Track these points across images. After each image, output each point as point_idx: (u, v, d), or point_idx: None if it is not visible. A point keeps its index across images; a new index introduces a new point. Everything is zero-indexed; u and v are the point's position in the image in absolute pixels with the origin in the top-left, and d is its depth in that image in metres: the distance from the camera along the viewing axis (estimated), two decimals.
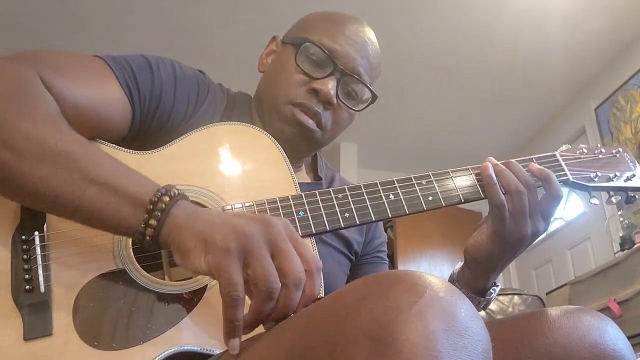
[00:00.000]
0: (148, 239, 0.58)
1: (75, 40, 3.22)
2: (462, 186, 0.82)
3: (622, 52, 3.51)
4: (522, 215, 0.78)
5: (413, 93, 3.90)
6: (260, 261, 0.54)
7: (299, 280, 0.55)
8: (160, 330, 0.63)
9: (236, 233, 0.55)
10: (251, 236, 0.55)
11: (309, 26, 0.93)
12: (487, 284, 0.84)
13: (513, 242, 0.79)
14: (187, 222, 0.57)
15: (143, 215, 0.58)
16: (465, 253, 0.83)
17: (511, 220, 0.78)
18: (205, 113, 0.86)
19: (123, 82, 0.77)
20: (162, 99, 0.81)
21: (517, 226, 0.78)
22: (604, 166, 0.90)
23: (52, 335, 0.61)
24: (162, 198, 0.58)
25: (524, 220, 0.78)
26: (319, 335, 0.45)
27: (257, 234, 0.55)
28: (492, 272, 0.83)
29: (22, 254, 0.64)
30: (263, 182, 0.77)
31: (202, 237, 0.56)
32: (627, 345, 0.67)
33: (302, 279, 0.56)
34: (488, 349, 0.44)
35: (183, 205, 0.59)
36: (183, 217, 0.58)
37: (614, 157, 0.92)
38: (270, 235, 0.56)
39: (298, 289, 0.55)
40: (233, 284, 0.53)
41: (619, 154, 0.92)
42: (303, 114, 0.87)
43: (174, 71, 0.85)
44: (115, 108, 0.76)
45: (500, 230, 0.78)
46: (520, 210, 0.77)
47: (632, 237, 2.91)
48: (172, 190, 0.60)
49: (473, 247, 0.82)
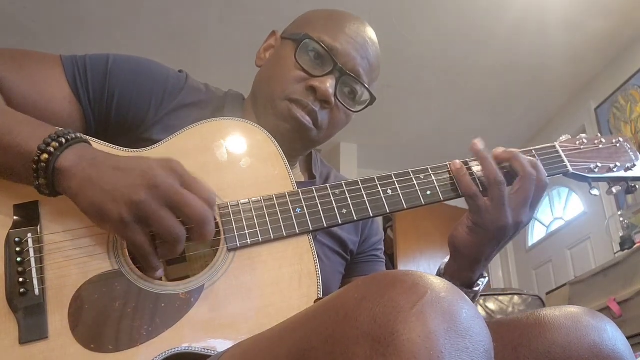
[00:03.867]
0: (47, 193, 0.64)
1: (75, 40, 3.21)
2: None
3: (622, 52, 3.50)
4: (500, 205, 0.76)
5: (413, 93, 3.90)
6: (158, 221, 0.60)
7: (202, 220, 0.62)
8: (157, 332, 0.63)
9: (127, 204, 0.60)
10: (141, 203, 0.60)
11: (310, 23, 0.92)
12: (472, 276, 0.83)
13: (494, 232, 0.77)
14: (80, 187, 0.62)
15: (32, 172, 0.63)
16: (449, 244, 0.82)
17: (491, 210, 0.77)
18: (179, 111, 0.84)
19: (72, 81, 0.79)
20: (117, 97, 0.80)
21: (497, 216, 0.76)
22: (604, 156, 0.89)
23: (48, 339, 0.60)
24: (42, 157, 0.62)
25: (503, 210, 0.76)
26: (319, 336, 0.45)
27: (146, 199, 0.60)
28: (477, 263, 0.81)
29: (15, 257, 0.63)
30: (259, 179, 0.76)
31: (95, 209, 0.61)
32: (626, 346, 0.67)
33: (205, 217, 0.62)
34: (490, 350, 0.44)
35: (68, 161, 0.62)
36: (73, 177, 0.62)
37: (615, 147, 0.91)
38: (160, 195, 0.61)
39: (206, 224, 0.62)
40: (139, 246, 0.62)
41: (620, 144, 0.92)
42: (299, 110, 0.85)
43: (135, 69, 0.83)
44: (61, 105, 0.78)
45: (478, 220, 0.78)
46: (499, 200, 0.76)
47: (632, 237, 2.91)
48: (52, 145, 0.62)
49: (454, 238, 0.81)
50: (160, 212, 0.60)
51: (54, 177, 0.62)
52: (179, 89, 0.86)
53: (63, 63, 0.80)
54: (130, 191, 0.60)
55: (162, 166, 0.63)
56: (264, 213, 0.73)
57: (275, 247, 0.72)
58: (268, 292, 0.68)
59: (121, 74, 0.82)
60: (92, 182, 0.61)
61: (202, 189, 0.64)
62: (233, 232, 0.71)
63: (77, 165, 0.62)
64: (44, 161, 0.62)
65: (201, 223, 0.62)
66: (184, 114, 0.84)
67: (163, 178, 0.61)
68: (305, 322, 0.50)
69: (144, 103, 0.82)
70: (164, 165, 0.63)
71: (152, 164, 0.63)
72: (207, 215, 0.62)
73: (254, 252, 0.71)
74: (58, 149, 0.62)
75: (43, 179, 0.62)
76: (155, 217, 0.60)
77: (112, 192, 0.60)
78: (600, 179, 0.88)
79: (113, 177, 0.61)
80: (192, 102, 0.86)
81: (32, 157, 0.62)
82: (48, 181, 0.62)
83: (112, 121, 0.81)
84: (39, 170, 0.62)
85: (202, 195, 0.63)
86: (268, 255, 0.71)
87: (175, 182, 0.62)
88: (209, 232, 0.63)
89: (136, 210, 0.60)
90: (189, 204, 0.61)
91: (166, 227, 0.61)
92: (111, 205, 0.60)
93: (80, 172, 0.62)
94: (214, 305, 0.66)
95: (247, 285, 0.68)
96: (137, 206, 0.60)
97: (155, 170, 0.62)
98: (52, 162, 0.62)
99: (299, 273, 0.70)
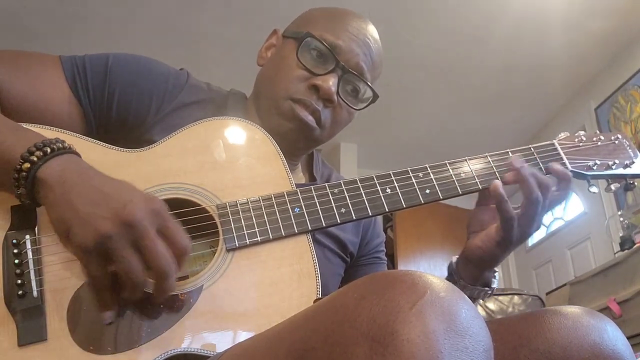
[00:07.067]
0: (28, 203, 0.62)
1: (75, 40, 3.21)
2: (460, 178, 0.81)
3: (622, 52, 3.50)
4: (532, 220, 0.79)
5: (413, 93, 3.90)
6: (120, 261, 0.57)
7: (164, 274, 0.58)
8: (156, 333, 0.63)
9: (94, 234, 0.57)
10: (109, 239, 0.56)
11: (312, 21, 0.91)
12: (489, 275, 0.86)
13: (517, 242, 0.81)
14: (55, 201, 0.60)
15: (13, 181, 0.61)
16: (470, 252, 0.83)
17: (522, 224, 0.79)
18: (180, 110, 0.84)
19: (71, 81, 0.79)
20: (117, 97, 0.80)
21: (526, 229, 0.80)
22: (603, 153, 0.89)
23: (47, 341, 0.60)
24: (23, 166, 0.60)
25: (533, 223, 0.80)
26: (318, 336, 0.45)
27: (116, 236, 0.57)
28: (496, 264, 0.85)
29: (13, 258, 0.63)
30: (257, 178, 0.76)
31: (62, 227, 0.59)
32: (626, 346, 0.67)
33: (167, 271, 0.59)
34: (489, 349, 0.44)
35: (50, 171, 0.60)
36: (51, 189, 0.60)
37: (613, 144, 0.91)
38: (132, 236, 0.57)
39: (166, 279, 0.59)
40: (93, 277, 0.59)
41: (618, 140, 0.92)
42: (303, 110, 0.85)
43: (135, 69, 0.83)
44: (61, 106, 0.78)
45: (509, 236, 0.80)
46: (533, 216, 0.79)
47: (632, 237, 2.91)
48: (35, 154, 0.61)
49: (479, 249, 0.82)
50: (124, 251, 0.57)
51: (34, 187, 0.61)
52: (180, 87, 0.86)
53: (62, 64, 0.80)
54: (101, 221, 0.57)
55: (144, 203, 0.59)
56: (263, 213, 0.73)
57: (274, 247, 0.71)
58: (267, 292, 0.68)
59: (121, 74, 0.81)
60: (68, 199, 0.59)
61: (179, 238, 0.61)
62: (232, 233, 0.71)
63: (58, 178, 0.60)
64: (25, 170, 0.60)
65: (161, 277, 0.59)
66: (185, 113, 0.84)
67: (140, 217, 0.57)
68: (305, 322, 0.49)
69: (144, 103, 0.82)
70: (146, 202, 0.59)
71: (134, 198, 0.59)
72: (169, 271, 0.59)
73: (253, 252, 0.70)
74: (41, 158, 0.60)
75: (23, 187, 0.60)
76: (119, 255, 0.57)
77: (83, 217, 0.57)
78: (599, 177, 0.88)
79: (91, 199, 0.59)
80: (193, 101, 0.86)
81: (14, 166, 0.60)
82: (28, 190, 0.61)
83: (113, 121, 0.81)
84: (20, 180, 0.60)
85: (177, 245, 0.60)
86: (267, 256, 0.71)
87: (151, 226, 0.58)
88: (167, 287, 0.60)
89: (101, 243, 0.57)
90: (155, 254, 0.58)
91: (127, 269, 0.57)
92: (78, 229, 0.57)
93: (60, 185, 0.60)
94: (213, 305, 0.66)
95: (246, 286, 0.68)
96: (103, 239, 0.57)
97: (135, 205, 0.58)
98: (33, 172, 0.60)
99: (298, 273, 0.70)
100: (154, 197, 0.62)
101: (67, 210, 0.58)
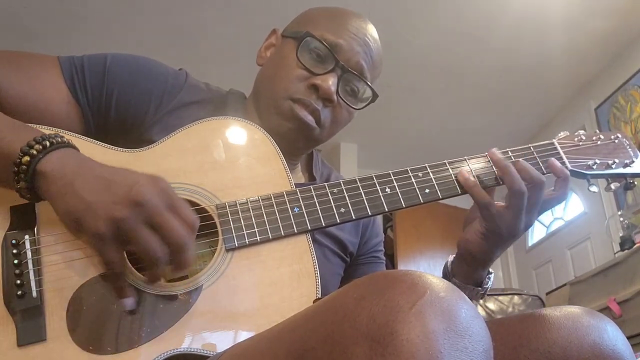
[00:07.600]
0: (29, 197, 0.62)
1: (75, 40, 3.21)
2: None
3: (622, 52, 3.50)
4: (519, 213, 0.78)
5: (413, 93, 3.90)
6: (138, 241, 0.58)
7: (181, 247, 0.59)
8: (156, 333, 0.63)
9: (107, 220, 0.57)
10: (123, 220, 0.57)
11: (311, 20, 0.91)
12: (483, 274, 0.85)
13: (507, 236, 0.80)
14: (60, 193, 0.59)
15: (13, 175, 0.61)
16: (460, 248, 0.83)
17: (506, 217, 0.78)
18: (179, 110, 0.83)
19: (70, 81, 0.79)
20: (115, 98, 0.80)
21: (513, 222, 0.78)
22: (602, 152, 0.89)
23: (46, 341, 0.60)
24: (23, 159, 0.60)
25: (520, 217, 0.78)
26: (318, 336, 0.45)
27: (128, 217, 0.57)
28: (487, 263, 0.84)
29: (12, 259, 0.63)
30: (257, 178, 0.76)
31: (72, 218, 0.58)
32: (626, 345, 0.67)
33: (183, 243, 0.59)
34: (489, 350, 0.44)
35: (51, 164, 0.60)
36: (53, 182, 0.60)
37: (613, 143, 0.91)
38: (143, 215, 0.58)
39: (184, 251, 0.59)
40: (110, 263, 0.59)
41: (618, 140, 0.91)
42: (303, 110, 0.85)
43: (134, 69, 0.83)
44: (59, 106, 0.78)
45: (492, 227, 0.79)
46: (518, 209, 0.77)
47: (632, 237, 2.91)
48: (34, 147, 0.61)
49: (467, 243, 0.82)
50: (141, 231, 0.57)
51: (34, 180, 0.60)
52: (179, 87, 0.86)
53: (61, 64, 0.80)
54: (112, 206, 0.57)
55: (150, 184, 0.59)
56: (262, 213, 0.73)
57: (273, 247, 0.71)
58: (267, 292, 0.68)
59: (119, 74, 0.81)
60: (73, 190, 0.59)
61: (187, 213, 0.61)
62: (231, 233, 0.71)
63: (59, 170, 0.60)
64: (24, 164, 0.60)
65: (179, 249, 0.59)
66: (184, 113, 0.84)
67: (149, 196, 0.58)
68: (304, 322, 0.49)
69: (143, 103, 0.82)
70: (152, 182, 0.60)
71: (139, 180, 0.59)
72: (187, 242, 0.59)
73: (253, 252, 0.70)
74: (41, 151, 0.60)
75: (23, 182, 0.60)
76: (135, 236, 0.57)
77: (92, 204, 0.57)
78: (598, 176, 0.88)
79: (96, 187, 0.59)
80: (193, 101, 0.86)
81: (13, 159, 0.60)
82: (28, 184, 0.60)
83: (112, 121, 0.81)
84: (20, 173, 0.60)
85: (186, 220, 0.60)
86: (266, 255, 0.71)
87: (160, 203, 0.59)
88: (186, 260, 0.60)
89: (116, 227, 0.57)
90: (171, 227, 0.58)
91: (146, 248, 0.58)
92: (89, 217, 0.57)
93: (62, 177, 0.60)
94: (212, 305, 0.66)
95: (245, 286, 0.68)
96: (117, 223, 0.57)
97: (142, 186, 0.58)
98: (33, 165, 0.60)
99: (298, 273, 0.70)
100: (158, 177, 0.62)
101: (74, 201, 0.58)
